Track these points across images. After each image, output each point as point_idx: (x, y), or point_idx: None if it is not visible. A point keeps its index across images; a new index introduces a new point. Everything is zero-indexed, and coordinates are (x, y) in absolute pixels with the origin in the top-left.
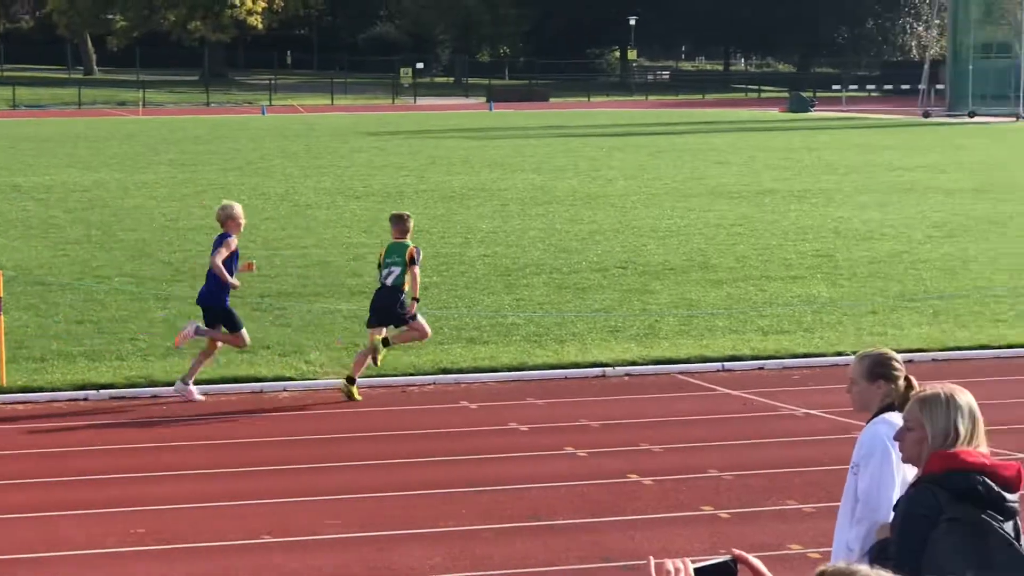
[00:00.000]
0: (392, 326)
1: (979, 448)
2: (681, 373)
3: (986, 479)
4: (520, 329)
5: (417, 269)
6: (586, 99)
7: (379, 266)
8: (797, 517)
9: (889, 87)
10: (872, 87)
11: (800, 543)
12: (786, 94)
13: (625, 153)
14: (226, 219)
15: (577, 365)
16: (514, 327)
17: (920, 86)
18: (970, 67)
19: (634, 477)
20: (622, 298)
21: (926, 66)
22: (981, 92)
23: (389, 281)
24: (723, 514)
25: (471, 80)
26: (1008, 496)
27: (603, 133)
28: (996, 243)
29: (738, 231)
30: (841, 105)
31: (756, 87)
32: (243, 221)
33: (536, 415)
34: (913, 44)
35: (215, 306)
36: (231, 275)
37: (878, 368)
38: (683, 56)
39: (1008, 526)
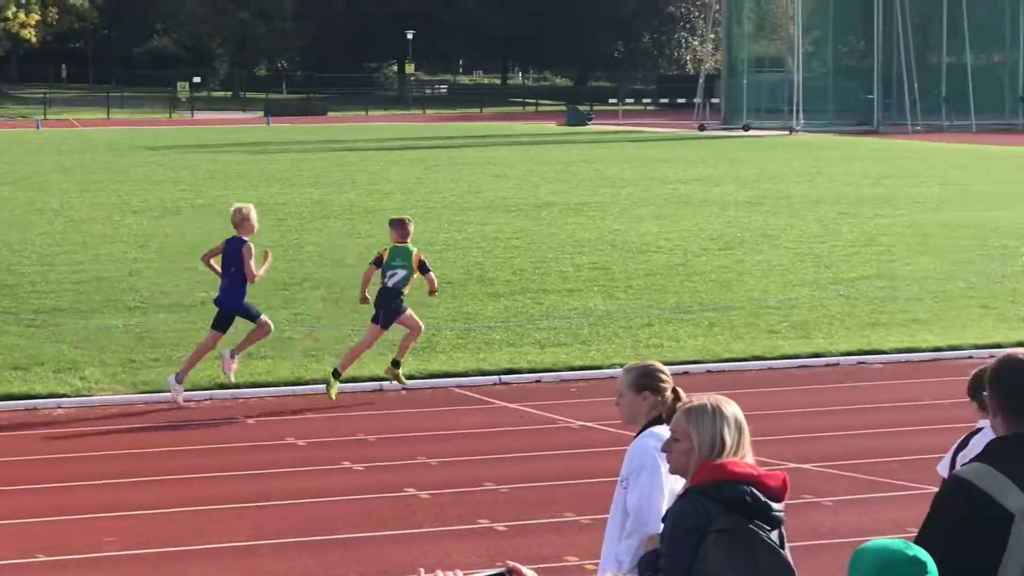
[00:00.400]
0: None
1: (745, 458)
2: (458, 387)
3: (753, 489)
4: (297, 344)
5: (431, 273)
6: (364, 113)
7: (375, 262)
8: (574, 529)
9: (665, 101)
10: (648, 101)
11: (577, 555)
12: (563, 108)
13: (402, 167)
14: (242, 221)
15: (355, 379)
16: (291, 342)
17: (695, 100)
18: (744, 81)
19: (411, 491)
20: None
21: (701, 80)
22: (755, 106)
23: (391, 283)
24: (500, 527)
25: (249, 94)
26: (774, 505)
27: (381, 147)
28: (769, 255)
29: (515, 244)
30: (618, 119)
31: (534, 101)
32: (256, 224)
33: (314, 430)
34: (688, 58)
35: (235, 308)
36: (231, 270)
37: (644, 380)
38: (461, 70)
39: (774, 535)
